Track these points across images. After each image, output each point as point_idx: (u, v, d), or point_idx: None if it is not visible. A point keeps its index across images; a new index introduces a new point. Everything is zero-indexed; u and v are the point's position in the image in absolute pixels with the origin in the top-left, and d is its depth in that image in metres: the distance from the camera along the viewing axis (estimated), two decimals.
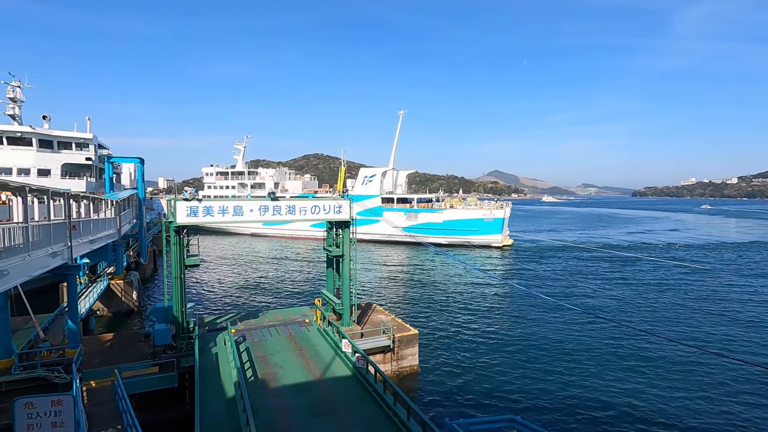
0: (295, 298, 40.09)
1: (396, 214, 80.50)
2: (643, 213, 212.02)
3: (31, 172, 45.12)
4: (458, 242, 75.10)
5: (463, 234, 75.65)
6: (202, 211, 20.61)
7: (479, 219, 74.71)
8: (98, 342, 22.35)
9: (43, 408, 11.00)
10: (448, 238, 75.52)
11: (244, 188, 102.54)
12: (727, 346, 28.03)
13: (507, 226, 78.10)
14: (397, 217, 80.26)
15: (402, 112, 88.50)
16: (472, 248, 73.29)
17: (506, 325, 31.76)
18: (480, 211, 75.34)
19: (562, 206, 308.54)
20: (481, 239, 74.86)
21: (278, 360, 20.10)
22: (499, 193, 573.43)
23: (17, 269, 12.59)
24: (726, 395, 21.26)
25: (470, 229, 75.28)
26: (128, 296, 34.65)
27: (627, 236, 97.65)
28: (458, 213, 76.53)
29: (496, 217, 74.11)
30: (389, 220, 79.71)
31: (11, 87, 47.91)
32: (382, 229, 79.21)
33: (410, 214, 79.79)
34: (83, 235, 20.72)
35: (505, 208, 75.44)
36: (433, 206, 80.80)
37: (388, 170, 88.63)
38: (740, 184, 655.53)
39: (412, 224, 78.96)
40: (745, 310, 36.38)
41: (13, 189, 14.07)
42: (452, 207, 78.52)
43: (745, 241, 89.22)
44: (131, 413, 13.12)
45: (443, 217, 77.09)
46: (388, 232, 79.35)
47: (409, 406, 13.85)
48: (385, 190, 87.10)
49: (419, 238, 77.19)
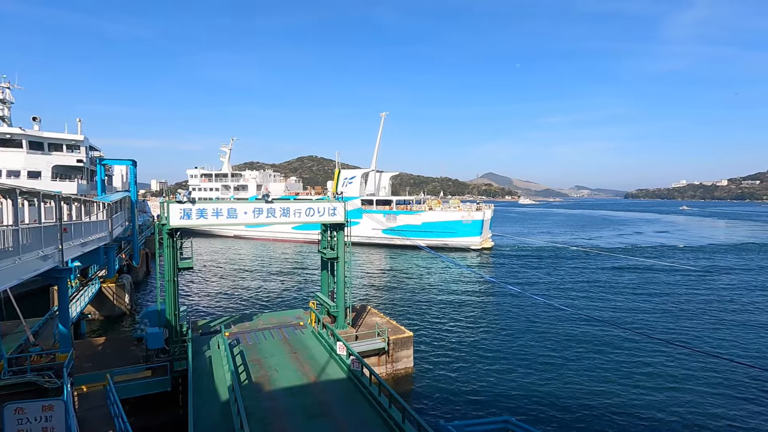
0: (289, 300, 39.93)
1: (375, 216, 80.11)
2: (625, 214, 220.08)
3: (22, 174, 44.60)
4: (436, 244, 74.16)
5: (441, 236, 75.00)
6: (195, 213, 20.45)
7: (458, 221, 74.11)
8: (90, 346, 22.07)
9: (33, 413, 10.83)
10: (426, 240, 74.64)
11: (228, 190, 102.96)
12: (721, 347, 28.38)
13: (488, 229, 77.61)
14: (377, 219, 79.87)
15: (384, 113, 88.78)
16: (448, 251, 72.22)
17: (500, 327, 31.86)
18: (458, 213, 74.66)
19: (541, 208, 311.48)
20: (459, 241, 74.30)
21: (272, 363, 19.99)
22: (493, 195, 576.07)
23: (7, 272, 12.43)
24: (721, 397, 21.49)
25: (448, 231, 74.65)
26: (120, 299, 34.30)
27: (611, 238, 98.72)
28: (436, 215, 75.97)
29: (475, 219, 73.44)
30: (369, 222, 79.29)
31: (0, 88, 47.40)
32: (362, 231, 78.10)
33: (389, 216, 79.11)
34: (74, 238, 20.49)
35: (485, 210, 74.96)
36: (412, 208, 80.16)
37: (369, 172, 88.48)
38: (730, 186, 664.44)
39: (392, 226, 78.57)
40: (727, 309, 36.94)
41: (3, 191, 13.90)
42: (431, 209, 77.72)
43: (710, 237, 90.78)
44: (123, 418, 12.98)
45: (422, 219, 76.50)
46: (367, 234, 78.69)
47: (404, 408, 13.83)
48: (368, 192, 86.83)
49: (398, 240, 77.02)
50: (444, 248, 73.60)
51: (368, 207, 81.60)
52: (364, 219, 79.46)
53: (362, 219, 79.16)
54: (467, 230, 73.75)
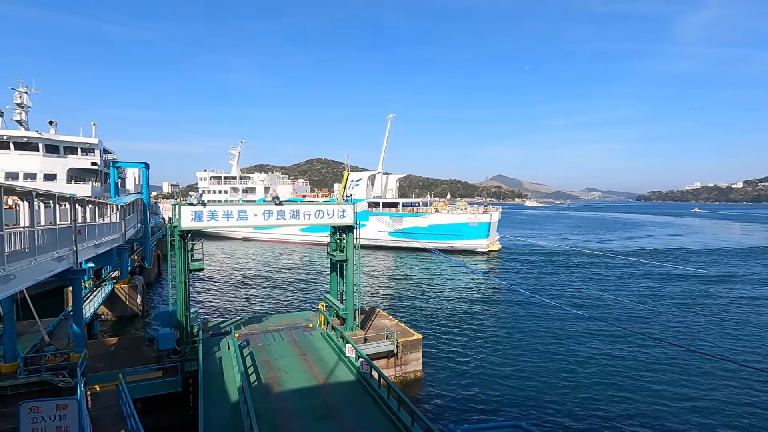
0: (298, 302, 40.09)
1: (382, 218, 79.91)
2: (636, 217, 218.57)
3: (38, 177, 45.53)
4: (443, 247, 73.57)
5: (447, 239, 74.46)
6: (206, 215, 20.67)
7: (464, 223, 73.62)
8: (102, 346, 22.38)
9: (48, 412, 11.01)
10: (432, 242, 74.09)
11: (236, 193, 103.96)
12: (742, 354, 27.78)
13: (495, 231, 76.87)
14: (383, 221, 79.68)
15: (390, 116, 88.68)
16: (455, 253, 71.58)
17: (509, 330, 31.59)
18: (465, 215, 74.08)
19: (550, 211, 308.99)
20: (465, 244, 73.77)
21: (282, 364, 20.06)
22: (503, 198, 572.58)
23: (23, 273, 12.66)
24: (731, 401, 21.04)
25: (455, 233, 74.13)
26: (132, 300, 34.74)
27: (622, 241, 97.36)
28: (443, 217, 75.45)
29: (482, 222, 72.84)
30: (375, 224, 79.10)
31: (18, 93, 48.46)
32: (368, 234, 77.53)
33: (396, 218, 78.77)
34: (88, 240, 20.82)
35: (492, 213, 74.24)
36: (419, 211, 79.82)
37: (376, 174, 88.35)
38: (746, 188, 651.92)
39: (398, 228, 78.22)
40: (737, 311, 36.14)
41: (20, 194, 14.18)
42: (437, 211, 77.18)
43: (725, 239, 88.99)
44: (135, 417, 13.12)
45: (428, 222, 76.00)
46: (373, 237, 78.40)
47: (413, 411, 13.77)
48: (374, 194, 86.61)
49: (405, 242, 76.64)
50: (451, 251, 73.19)
51: (374, 209, 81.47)
52: (371, 221, 79.38)
53: (369, 221, 79.13)
54: (474, 233, 73.25)
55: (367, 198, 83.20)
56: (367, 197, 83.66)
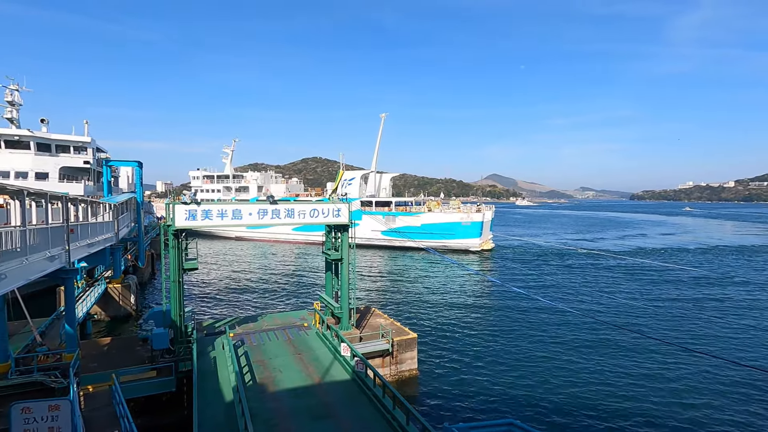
0: (293, 301, 40.00)
1: (375, 217, 79.84)
2: (629, 216, 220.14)
3: (29, 176, 44.98)
4: (435, 246, 73.45)
5: (440, 237, 74.58)
6: (200, 214, 20.54)
7: (457, 222, 73.71)
8: (96, 346, 22.22)
9: (40, 413, 10.92)
10: (425, 241, 73.97)
11: (230, 191, 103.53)
12: (739, 352, 28.09)
13: (488, 230, 77.01)
14: (376, 220, 79.63)
15: (383, 114, 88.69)
16: (448, 253, 71.47)
17: (504, 329, 31.72)
18: (458, 214, 74.16)
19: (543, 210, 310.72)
20: (458, 243, 73.89)
21: (277, 364, 20.02)
22: (498, 197, 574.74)
23: (15, 273, 12.52)
24: (725, 398, 21.28)
25: (447, 232, 74.25)
26: (126, 300, 34.51)
27: (615, 240, 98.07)
28: (436, 216, 75.55)
29: (474, 221, 72.95)
30: (369, 223, 78.95)
31: (9, 90, 47.85)
32: (361, 233, 78.11)
33: (389, 217, 78.79)
34: (81, 239, 20.63)
35: (484, 212, 74.34)
36: (412, 209, 79.75)
37: (369, 173, 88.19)
38: (737, 187, 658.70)
39: (391, 227, 78.24)
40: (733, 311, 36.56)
41: (11, 192, 14.02)
42: (430, 210, 77.22)
43: (711, 238, 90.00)
44: (129, 418, 13.04)
45: (421, 221, 76.13)
46: (366, 236, 78.21)
47: (408, 410, 13.80)
48: (368, 193, 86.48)
49: (398, 241, 76.65)
50: (443, 250, 73.30)
51: (367, 208, 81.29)
52: (364, 220, 79.29)
53: (362, 220, 78.71)
54: (466, 232, 73.40)
55: (360, 197, 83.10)
56: (360, 196, 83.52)
